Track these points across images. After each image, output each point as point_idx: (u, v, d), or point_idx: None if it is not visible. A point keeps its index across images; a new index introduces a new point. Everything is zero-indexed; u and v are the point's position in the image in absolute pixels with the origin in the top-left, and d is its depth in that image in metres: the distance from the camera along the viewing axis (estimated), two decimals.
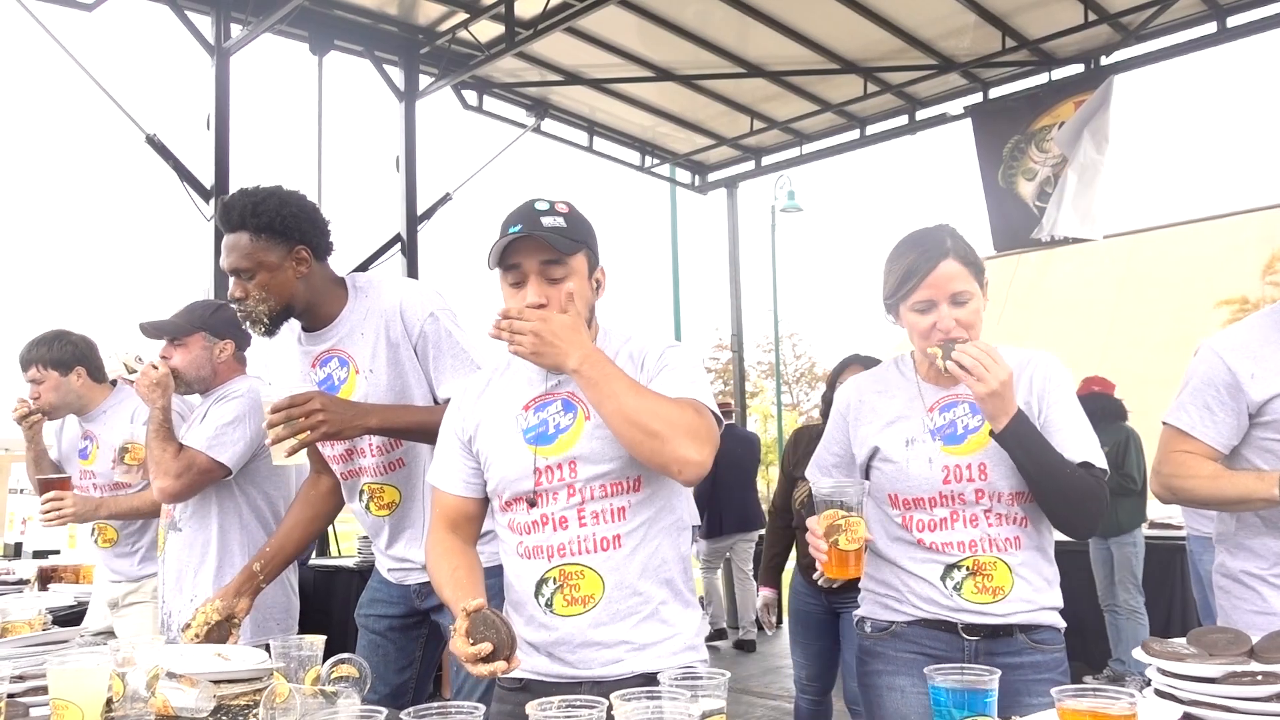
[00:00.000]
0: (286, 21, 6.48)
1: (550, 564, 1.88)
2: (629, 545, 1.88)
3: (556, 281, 1.87)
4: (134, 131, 6.36)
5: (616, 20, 7.13)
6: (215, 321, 3.15)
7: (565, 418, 1.90)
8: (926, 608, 2.06)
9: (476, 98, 8.29)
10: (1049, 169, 7.34)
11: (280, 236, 2.35)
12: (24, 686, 1.98)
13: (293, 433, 2.20)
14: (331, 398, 2.27)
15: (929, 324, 2.02)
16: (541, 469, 1.88)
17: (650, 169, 9.71)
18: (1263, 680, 1.53)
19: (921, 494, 2.05)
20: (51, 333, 3.56)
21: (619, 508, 1.88)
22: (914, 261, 2.03)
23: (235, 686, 2.03)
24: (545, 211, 1.88)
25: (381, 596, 2.59)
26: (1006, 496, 2.03)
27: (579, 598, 1.88)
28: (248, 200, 2.36)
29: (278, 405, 2.20)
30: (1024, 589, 2.04)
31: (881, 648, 2.13)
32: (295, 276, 2.37)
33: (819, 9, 6.98)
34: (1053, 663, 2.06)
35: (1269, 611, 2.13)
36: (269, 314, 2.36)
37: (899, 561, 2.10)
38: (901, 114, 8.51)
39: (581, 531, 1.87)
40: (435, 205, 7.93)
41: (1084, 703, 1.42)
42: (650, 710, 1.43)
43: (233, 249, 2.36)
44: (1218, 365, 2.17)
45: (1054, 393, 2.05)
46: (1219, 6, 6.73)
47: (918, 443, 2.06)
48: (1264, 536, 2.17)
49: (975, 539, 2.03)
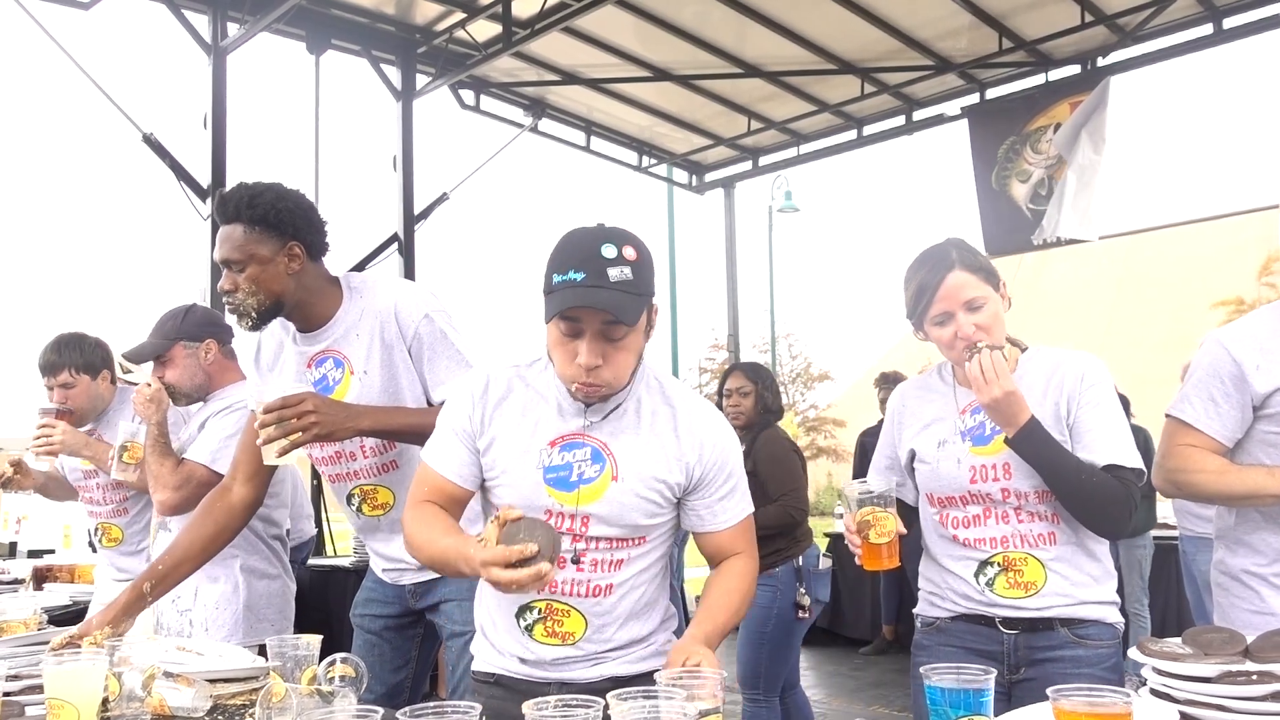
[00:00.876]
0: (283, 20, 6.47)
1: (538, 595, 1.85)
2: (619, 593, 1.89)
3: (616, 341, 1.76)
4: (131, 130, 6.36)
5: (614, 20, 7.13)
6: (188, 326, 3.10)
7: (591, 469, 1.83)
8: (964, 603, 2.15)
9: (474, 97, 8.29)
10: (1043, 171, 7.34)
11: (274, 231, 2.33)
12: (20, 686, 1.97)
13: (284, 433, 2.18)
14: (324, 399, 2.25)
15: (950, 334, 2.10)
16: (554, 513, 1.84)
17: (647, 169, 9.71)
18: (1258, 679, 1.53)
19: (952, 492, 2.14)
20: (73, 335, 3.44)
21: (618, 560, 1.88)
22: (924, 278, 2.11)
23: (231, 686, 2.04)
24: (613, 261, 1.72)
25: (376, 596, 2.58)
26: (1033, 495, 2.07)
27: (560, 633, 1.87)
28: (244, 192, 2.34)
29: (270, 405, 2.18)
30: (1060, 584, 2.08)
31: (929, 641, 2.22)
32: (286, 272, 2.34)
33: (816, 9, 6.98)
34: (1098, 657, 2.07)
35: (1266, 611, 2.12)
36: (257, 308, 2.34)
37: (940, 559, 2.20)
38: (898, 114, 8.51)
39: (577, 576, 1.85)
40: (432, 205, 7.93)
41: (1079, 702, 1.43)
42: (647, 710, 1.43)
43: (226, 240, 2.34)
44: (1223, 356, 2.15)
45: (1086, 394, 2.08)
46: (1215, 8, 6.74)
47: (949, 444, 2.16)
48: (1264, 532, 2.16)
49: (1006, 535, 2.10)
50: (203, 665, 2.08)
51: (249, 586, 2.94)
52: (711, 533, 1.94)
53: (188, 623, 2.94)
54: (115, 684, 1.86)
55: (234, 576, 2.92)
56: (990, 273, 2.11)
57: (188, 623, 2.94)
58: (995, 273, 2.12)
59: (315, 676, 1.85)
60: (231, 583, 2.92)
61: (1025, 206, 7.43)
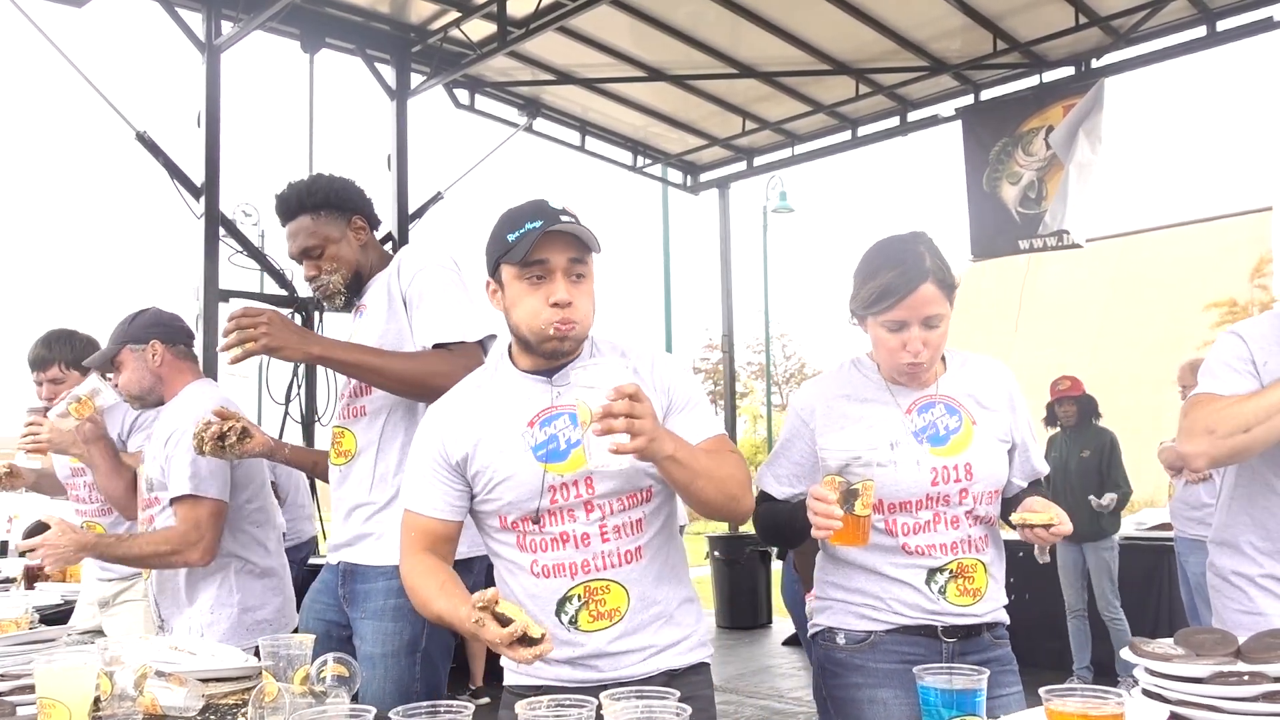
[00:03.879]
0: (278, 19, 6.47)
1: (574, 581, 1.86)
2: (648, 555, 1.89)
3: (580, 280, 1.86)
4: (124, 128, 6.34)
5: (609, 20, 7.13)
6: (134, 330, 3.00)
7: (575, 431, 1.85)
8: (910, 613, 2.04)
9: (468, 97, 8.28)
10: (1033, 173, 7.35)
11: (337, 210, 2.56)
12: (11, 685, 1.97)
13: (239, 341, 2.30)
14: (282, 318, 2.37)
15: (898, 342, 2.02)
16: (556, 486, 1.84)
17: (642, 169, 9.71)
18: (1249, 680, 1.54)
19: (909, 496, 2.03)
20: (64, 331, 3.39)
21: (637, 520, 1.88)
22: (892, 281, 2.00)
23: (224, 685, 2.03)
24: (560, 210, 1.85)
25: (322, 598, 2.59)
26: (986, 497, 2.07)
27: (605, 612, 1.87)
28: (299, 187, 2.57)
29: (234, 314, 2.33)
30: (993, 588, 2.10)
31: (860, 660, 2.08)
32: (358, 243, 2.58)
33: (811, 10, 6.99)
34: (1008, 655, 2.13)
35: (1256, 612, 2.14)
36: (344, 283, 2.56)
37: (879, 568, 2.06)
38: (893, 115, 8.52)
39: (605, 547, 1.86)
40: (426, 204, 7.92)
41: (1072, 703, 1.43)
42: (639, 710, 1.43)
43: (297, 233, 2.55)
44: (1237, 342, 2.15)
45: (1020, 405, 2.18)
46: (1209, 10, 6.76)
47: (902, 445, 2.05)
48: (1250, 534, 2.18)
49: (957, 540, 2.05)
50: (195, 664, 2.08)
51: (246, 588, 2.92)
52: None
53: (185, 628, 2.92)
54: (107, 683, 1.86)
55: (230, 579, 2.91)
56: (952, 286, 2.05)
57: (185, 628, 2.92)
58: (955, 285, 2.07)
59: (308, 676, 1.85)
60: (228, 585, 2.90)
61: (1014, 209, 7.44)
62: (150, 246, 44.48)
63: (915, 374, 2.08)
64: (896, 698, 2.01)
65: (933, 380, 2.13)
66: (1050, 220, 7.20)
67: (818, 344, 36.21)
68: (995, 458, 2.09)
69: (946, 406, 2.09)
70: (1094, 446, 6.25)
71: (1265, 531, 2.16)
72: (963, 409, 2.10)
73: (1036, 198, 7.32)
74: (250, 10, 6.34)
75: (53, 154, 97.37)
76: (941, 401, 2.10)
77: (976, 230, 7.67)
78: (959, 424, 2.07)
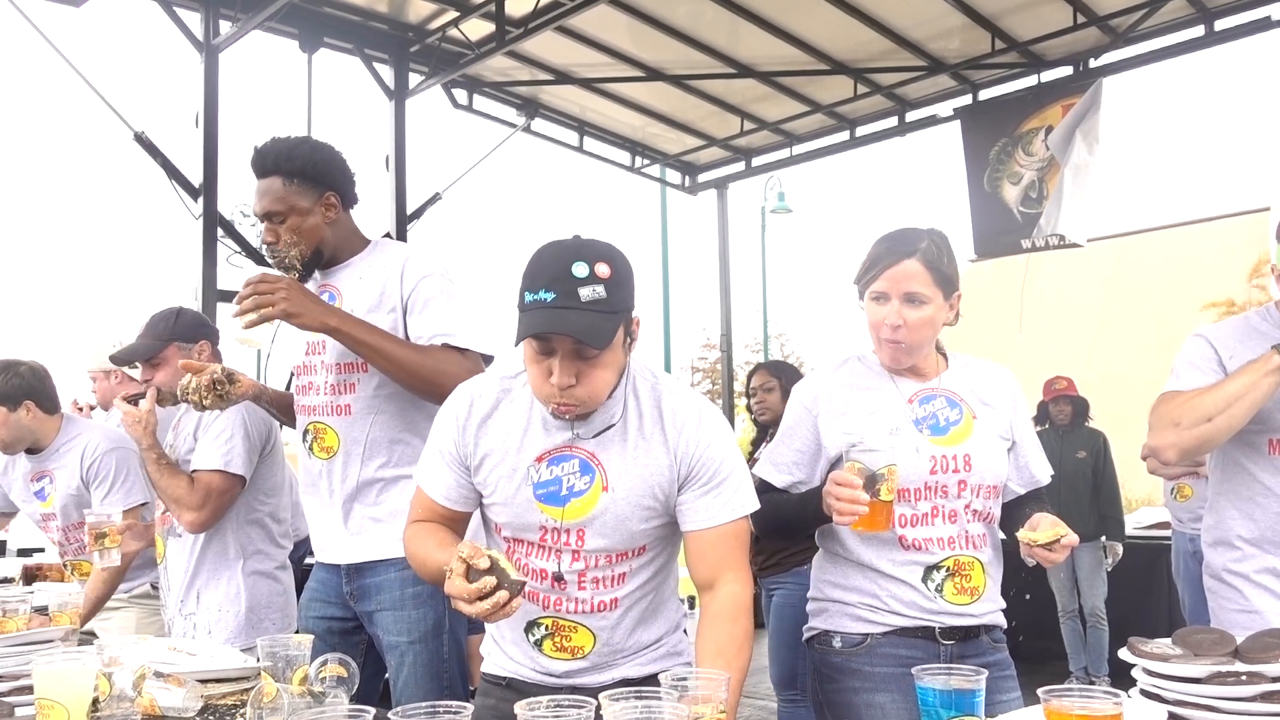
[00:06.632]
0: (276, 19, 6.45)
1: (544, 612, 1.86)
2: (624, 605, 1.87)
3: (590, 359, 1.70)
4: (122, 128, 6.33)
5: (607, 20, 7.12)
6: (182, 328, 3.05)
7: (581, 481, 1.80)
8: (908, 613, 2.03)
9: (466, 96, 8.27)
10: (1034, 173, 7.35)
11: (311, 182, 2.47)
12: (9, 686, 1.97)
13: (255, 306, 2.28)
14: (301, 286, 2.35)
15: (879, 317, 2.07)
16: (548, 528, 1.83)
17: (640, 169, 9.70)
18: (1247, 680, 1.54)
19: (907, 484, 2.01)
20: (1, 362, 3.31)
21: (619, 574, 1.86)
22: (881, 252, 2.08)
23: (222, 686, 2.03)
24: (585, 280, 1.65)
25: (319, 596, 2.59)
26: (985, 489, 2.06)
27: (569, 648, 1.87)
28: (281, 146, 2.47)
29: (251, 279, 2.30)
30: (991, 588, 2.09)
31: (856, 664, 2.05)
32: (324, 222, 2.50)
33: (809, 10, 6.98)
34: (1007, 660, 2.11)
35: (1251, 610, 2.15)
36: (300, 258, 2.48)
37: (876, 565, 2.05)
38: (891, 115, 8.52)
39: (580, 594, 1.84)
40: (425, 205, 7.91)
41: (1070, 703, 1.43)
42: (639, 710, 1.43)
43: (265, 193, 2.47)
44: (1202, 343, 2.23)
45: (1021, 409, 2.20)
46: (1207, 10, 6.76)
47: (903, 432, 2.05)
48: (1234, 521, 2.21)
49: (954, 535, 2.04)
50: (194, 665, 2.07)
51: (253, 589, 2.93)
52: (697, 531, 1.82)
53: (191, 626, 2.92)
54: (105, 684, 1.86)
55: (237, 579, 2.91)
56: (947, 279, 2.06)
57: (191, 626, 2.92)
58: (954, 281, 2.08)
59: (307, 677, 1.84)
60: (235, 585, 2.91)
61: (1016, 209, 7.44)
62: (148, 247, 44.42)
63: (896, 354, 2.08)
64: (894, 702, 1.99)
65: (934, 374, 2.15)
66: (1045, 224, 7.21)
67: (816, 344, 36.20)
68: (995, 452, 2.09)
69: (948, 399, 2.11)
70: (1089, 448, 6.25)
71: (1252, 521, 2.18)
72: (964, 403, 2.12)
73: (1038, 197, 7.32)
74: (248, 10, 6.33)
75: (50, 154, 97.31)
76: (943, 394, 2.11)
77: (979, 230, 7.66)
78: (960, 416, 2.09)
